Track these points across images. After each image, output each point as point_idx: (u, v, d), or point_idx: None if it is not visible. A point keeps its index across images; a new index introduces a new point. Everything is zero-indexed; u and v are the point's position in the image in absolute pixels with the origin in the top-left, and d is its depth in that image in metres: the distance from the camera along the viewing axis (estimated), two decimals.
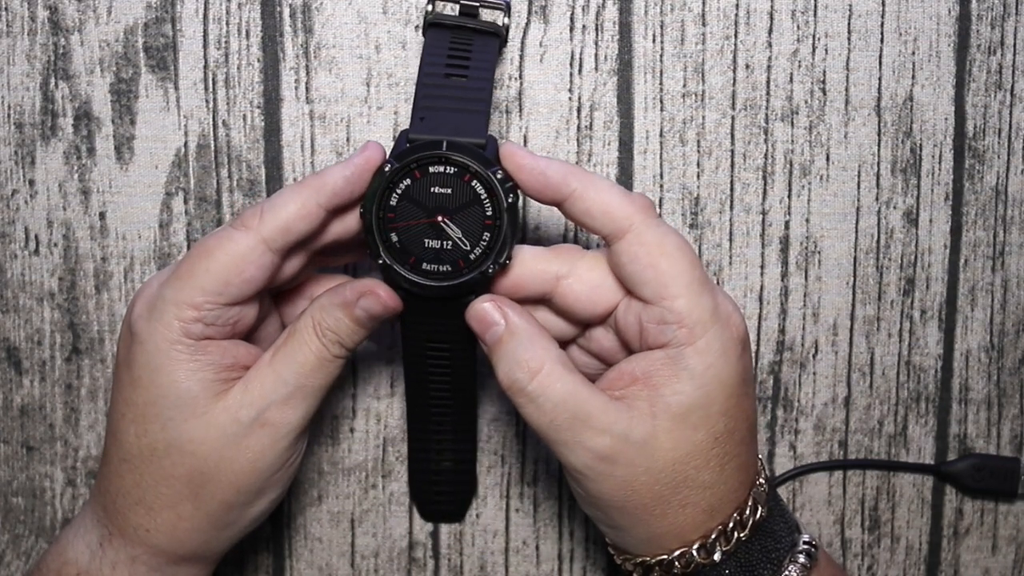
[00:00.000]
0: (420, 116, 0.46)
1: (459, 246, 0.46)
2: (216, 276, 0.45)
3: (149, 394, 0.46)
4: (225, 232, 0.46)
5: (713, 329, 0.45)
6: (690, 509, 0.46)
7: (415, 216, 0.46)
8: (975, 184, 0.56)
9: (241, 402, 0.46)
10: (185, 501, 0.47)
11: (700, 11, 0.54)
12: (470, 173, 0.45)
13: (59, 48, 0.54)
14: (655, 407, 0.45)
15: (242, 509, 0.48)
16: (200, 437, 0.46)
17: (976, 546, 0.59)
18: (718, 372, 0.45)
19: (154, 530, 0.47)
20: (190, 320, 0.45)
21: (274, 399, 0.46)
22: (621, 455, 0.45)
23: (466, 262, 0.46)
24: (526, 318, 0.46)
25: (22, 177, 0.54)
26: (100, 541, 0.48)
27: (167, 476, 0.47)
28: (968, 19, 0.55)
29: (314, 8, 0.54)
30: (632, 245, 0.45)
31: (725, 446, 0.46)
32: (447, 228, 0.46)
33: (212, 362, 0.46)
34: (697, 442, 0.45)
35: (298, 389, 0.47)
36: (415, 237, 0.46)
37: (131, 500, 0.47)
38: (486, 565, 0.57)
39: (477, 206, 0.46)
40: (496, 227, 0.46)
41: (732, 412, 0.46)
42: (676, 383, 0.45)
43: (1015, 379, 0.58)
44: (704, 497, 0.46)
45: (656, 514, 0.46)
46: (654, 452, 0.45)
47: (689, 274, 0.45)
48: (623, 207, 0.45)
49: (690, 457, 0.46)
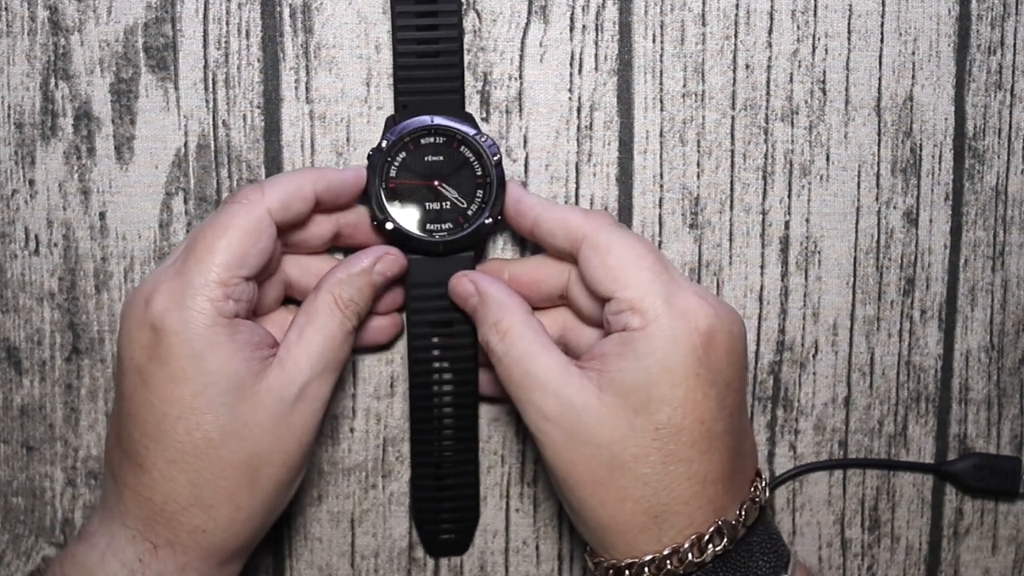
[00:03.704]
0: (403, 104, 0.52)
1: (457, 205, 0.52)
2: (236, 250, 0.47)
3: (197, 384, 0.46)
4: (231, 208, 0.48)
5: (665, 317, 0.47)
6: (630, 505, 0.46)
7: (414, 183, 0.52)
8: (975, 184, 0.56)
9: (281, 380, 0.48)
10: (243, 490, 0.47)
11: (700, 11, 0.54)
12: (458, 140, 0.52)
13: (59, 48, 0.54)
14: (601, 380, 0.47)
15: (288, 489, 0.49)
16: (253, 420, 0.47)
17: (976, 546, 0.59)
18: (663, 358, 0.46)
19: (211, 529, 0.47)
20: (221, 299, 0.46)
21: (311, 375, 0.48)
22: (563, 419, 0.47)
23: (465, 218, 0.52)
24: (496, 286, 0.50)
25: (22, 177, 0.54)
26: (139, 557, 0.46)
27: (225, 466, 0.47)
28: (968, 19, 0.55)
29: (314, 8, 0.54)
30: (586, 251, 0.49)
31: (668, 442, 0.46)
32: (444, 191, 0.52)
33: (247, 341, 0.47)
34: (636, 426, 0.46)
35: (329, 363, 0.49)
36: (417, 202, 0.52)
37: (184, 503, 0.47)
38: (486, 565, 0.57)
39: (468, 168, 0.52)
40: (487, 184, 0.52)
41: (677, 405, 0.46)
42: (622, 361, 0.47)
43: (1015, 379, 0.58)
44: (644, 495, 0.46)
45: (596, 498, 0.47)
46: (593, 425, 0.46)
47: (638, 265, 0.48)
48: (578, 220, 0.49)
49: (628, 440, 0.46)
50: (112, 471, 0.48)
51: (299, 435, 0.48)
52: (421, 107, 0.52)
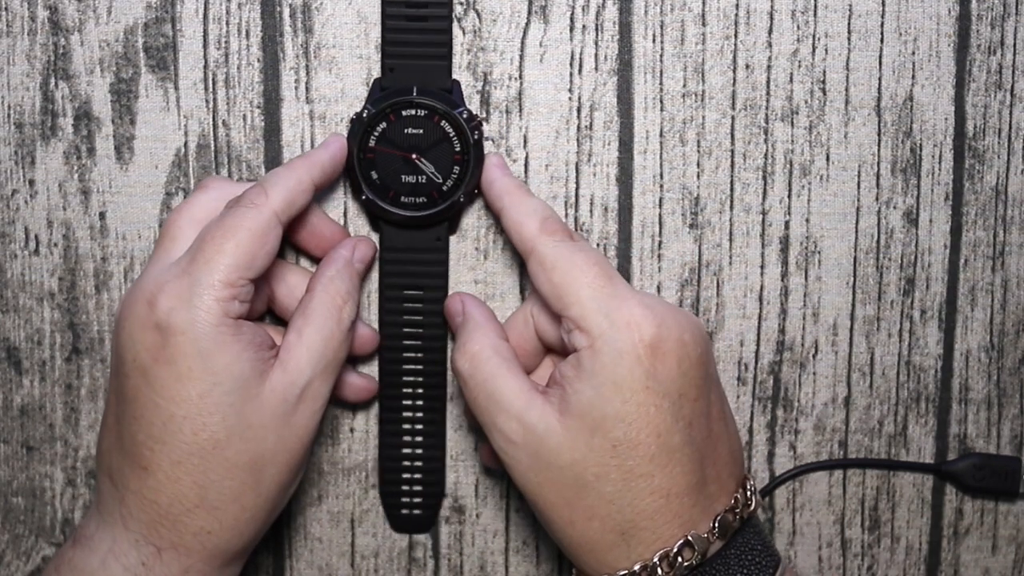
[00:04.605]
0: (390, 67, 0.52)
1: (432, 180, 0.52)
2: (244, 251, 0.47)
3: (204, 384, 0.46)
4: (238, 211, 0.48)
5: (609, 333, 0.46)
6: (597, 523, 0.47)
7: (392, 155, 0.52)
8: (975, 184, 0.56)
9: (284, 381, 0.48)
10: (248, 490, 0.47)
11: (700, 11, 0.54)
12: (439, 114, 0.52)
13: (59, 48, 0.54)
14: (561, 404, 0.47)
15: (289, 489, 0.50)
16: (258, 420, 0.47)
17: (976, 546, 0.59)
18: (611, 374, 0.46)
19: (217, 530, 0.47)
20: (227, 299, 0.47)
21: (312, 375, 0.48)
22: (527, 443, 0.47)
23: (439, 193, 0.53)
24: (479, 309, 0.52)
25: (22, 177, 0.54)
26: (143, 560, 0.46)
27: (231, 467, 0.47)
28: (968, 19, 0.55)
29: (314, 8, 0.54)
30: (533, 266, 0.49)
31: (626, 459, 0.46)
32: (421, 164, 0.52)
33: (251, 342, 0.47)
34: (594, 446, 0.46)
35: (330, 362, 0.49)
36: (393, 174, 0.52)
37: (190, 504, 0.47)
38: (486, 565, 0.57)
39: (446, 144, 0.52)
40: (464, 162, 0.52)
41: (631, 419, 0.46)
42: (577, 383, 0.47)
43: (1015, 379, 0.58)
44: (609, 512, 0.46)
45: (565, 519, 0.47)
46: (554, 447, 0.47)
47: (579, 282, 0.48)
48: (530, 231, 0.50)
49: (588, 461, 0.46)
50: (110, 475, 0.48)
51: (301, 435, 0.49)
52: (408, 71, 0.52)
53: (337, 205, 0.55)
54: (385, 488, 0.56)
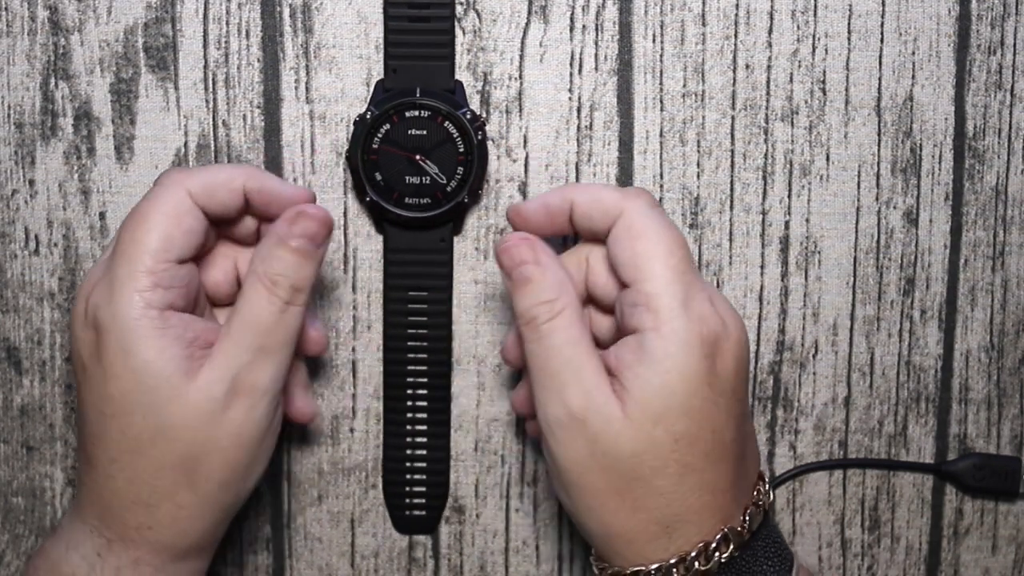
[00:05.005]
0: (392, 68, 0.52)
1: (436, 181, 0.52)
2: (158, 233, 0.45)
3: (125, 382, 0.45)
4: (151, 193, 0.46)
5: (681, 319, 0.45)
6: (642, 515, 0.46)
7: (396, 156, 0.52)
8: (975, 184, 0.56)
9: (211, 378, 0.45)
10: (182, 489, 0.46)
11: (700, 11, 0.54)
12: (442, 115, 0.52)
13: (59, 48, 0.54)
14: (622, 390, 0.45)
15: (239, 486, 0.47)
16: (181, 422, 0.45)
17: (976, 546, 0.59)
18: (679, 364, 0.45)
19: (156, 526, 0.46)
20: (147, 287, 0.45)
21: (240, 366, 0.45)
22: (589, 422, 0.45)
23: (443, 194, 0.53)
24: (557, 262, 0.47)
25: (22, 177, 0.54)
26: (98, 551, 0.46)
27: (160, 467, 0.45)
28: (968, 19, 0.55)
29: (314, 8, 0.54)
30: (618, 228, 0.47)
31: (685, 454, 0.45)
32: (424, 165, 0.52)
33: (178, 336, 0.45)
34: (655, 438, 0.45)
35: (260, 351, 0.46)
36: (397, 175, 0.52)
37: (127, 500, 0.46)
38: (486, 565, 0.57)
39: (450, 144, 0.52)
40: (468, 162, 0.52)
41: (694, 415, 0.45)
42: (639, 367, 0.45)
43: (1015, 379, 0.58)
44: (658, 505, 0.45)
45: (609, 507, 0.46)
46: (616, 436, 0.45)
47: (665, 260, 0.46)
48: (614, 197, 0.47)
49: (647, 454, 0.45)
50: (76, 466, 0.48)
51: (236, 432, 0.46)
52: (411, 72, 0.52)
53: (338, 205, 0.55)
54: (389, 489, 0.56)
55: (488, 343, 0.56)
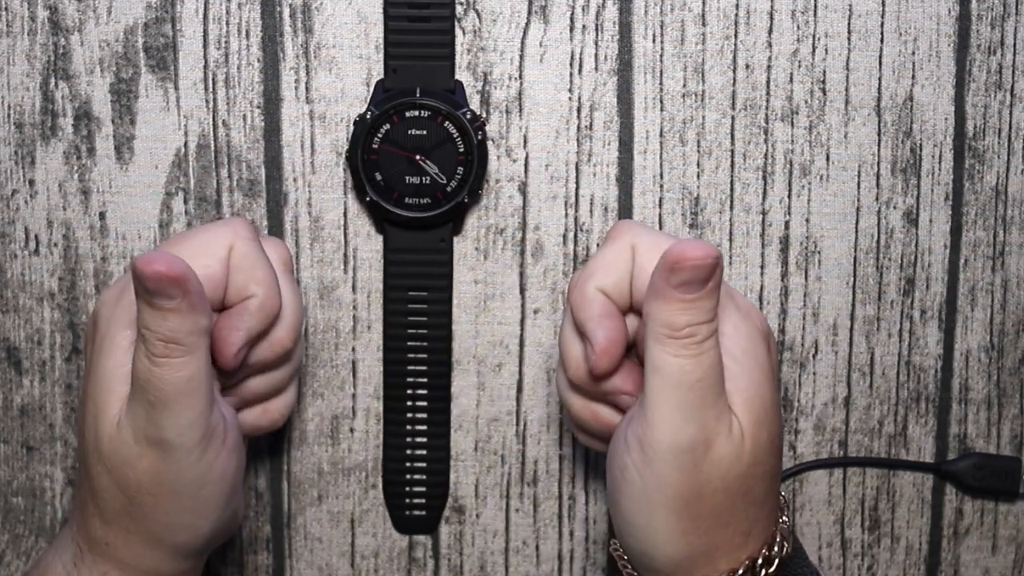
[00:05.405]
0: (392, 68, 0.52)
1: (436, 180, 0.52)
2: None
3: (88, 385, 0.45)
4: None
5: (737, 314, 0.44)
6: (731, 529, 0.44)
7: (396, 156, 0.52)
8: (975, 184, 0.56)
9: (124, 424, 0.44)
10: (123, 515, 0.44)
11: (700, 11, 0.54)
12: (442, 115, 0.52)
13: (59, 48, 0.54)
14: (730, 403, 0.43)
15: (186, 529, 0.45)
16: (106, 448, 0.44)
17: (976, 546, 0.59)
18: (759, 360, 0.44)
19: (112, 543, 0.45)
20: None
21: (138, 418, 0.43)
22: (717, 447, 0.43)
23: (443, 194, 0.53)
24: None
25: (22, 177, 0.54)
26: (74, 560, 0.46)
27: (104, 486, 0.44)
28: (968, 19, 0.55)
29: (314, 8, 0.54)
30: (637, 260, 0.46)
31: (776, 455, 0.44)
32: (425, 165, 0.52)
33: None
34: (761, 443, 0.43)
35: (150, 406, 0.43)
36: (397, 175, 0.52)
37: (90, 511, 0.45)
38: (486, 565, 0.57)
39: (450, 144, 0.52)
40: (468, 162, 0.52)
41: (775, 407, 0.44)
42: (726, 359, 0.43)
43: (1015, 379, 0.58)
44: (748, 515, 0.44)
45: (701, 530, 0.43)
46: (737, 457, 0.43)
47: None
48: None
49: (757, 464, 0.43)
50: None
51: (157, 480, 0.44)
52: (411, 72, 0.52)
53: (337, 205, 0.55)
54: (389, 489, 0.56)
55: (488, 343, 0.56)
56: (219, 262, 0.46)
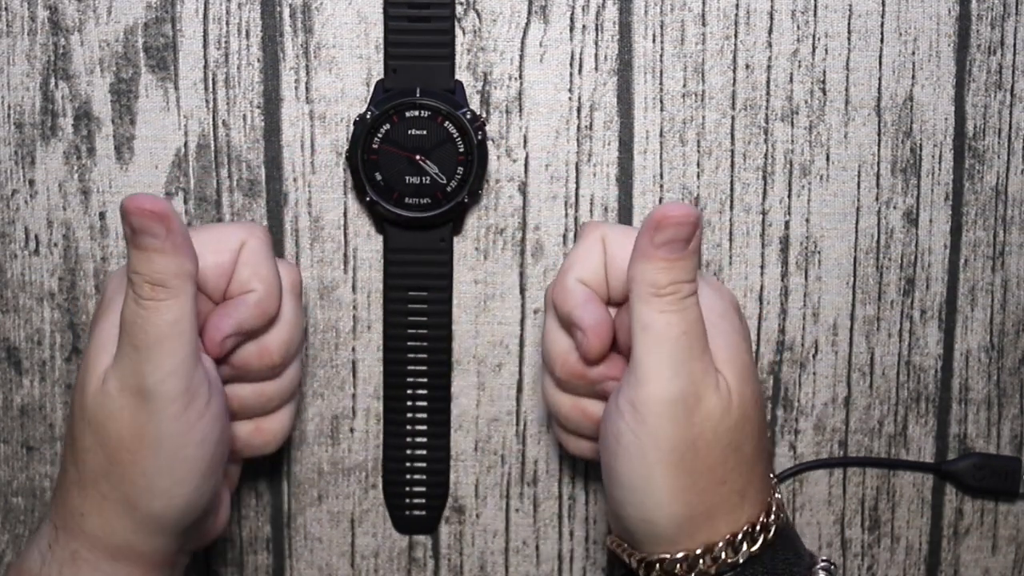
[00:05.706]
0: (392, 68, 0.52)
1: (436, 180, 0.52)
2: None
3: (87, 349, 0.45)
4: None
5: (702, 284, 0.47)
6: (727, 488, 0.45)
7: (396, 156, 0.52)
8: (975, 184, 0.56)
9: (111, 375, 0.44)
10: (101, 478, 0.45)
11: (700, 11, 0.54)
12: (442, 115, 0.52)
13: (59, 48, 0.54)
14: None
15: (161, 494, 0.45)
16: (90, 403, 0.45)
17: (976, 546, 0.59)
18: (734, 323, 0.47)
19: (87, 513, 0.45)
20: None
21: (124, 365, 0.44)
22: (707, 399, 0.44)
23: (443, 194, 0.53)
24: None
25: (22, 177, 0.54)
26: (49, 543, 0.46)
27: (87, 446, 0.45)
28: (968, 19, 0.55)
29: (314, 8, 0.54)
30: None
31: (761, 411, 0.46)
32: (425, 165, 0.52)
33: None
34: (747, 398, 0.45)
35: (134, 349, 0.44)
36: (397, 175, 0.52)
37: (69, 480, 0.45)
38: (486, 565, 0.57)
39: (450, 144, 0.52)
40: (468, 162, 0.52)
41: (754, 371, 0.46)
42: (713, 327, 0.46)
43: (1015, 379, 0.58)
44: (741, 472, 0.45)
45: (699, 487, 0.45)
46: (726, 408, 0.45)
47: None
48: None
49: (746, 417, 0.45)
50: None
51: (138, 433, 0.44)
52: (411, 72, 0.52)
53: (338, 205, 0.55)
54: (389, 489, 0.56)
55: (488, 343, 0.56)
56: (230, 253, 0.48)
